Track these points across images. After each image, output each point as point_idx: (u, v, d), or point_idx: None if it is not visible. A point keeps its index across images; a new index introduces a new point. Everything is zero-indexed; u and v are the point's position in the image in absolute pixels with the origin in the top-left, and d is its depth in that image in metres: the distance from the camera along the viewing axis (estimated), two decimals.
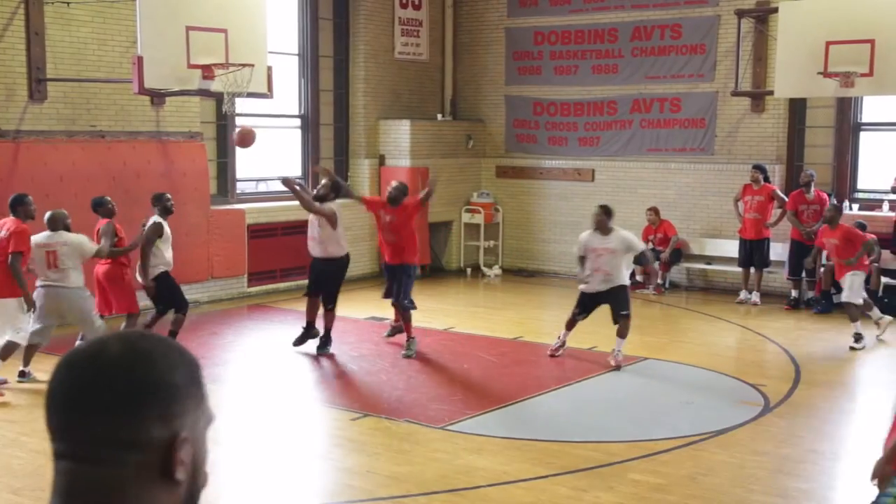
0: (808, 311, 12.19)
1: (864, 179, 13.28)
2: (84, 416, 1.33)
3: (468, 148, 15.71)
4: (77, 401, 1.33)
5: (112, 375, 1.33)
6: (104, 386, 1.33)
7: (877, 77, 10.95)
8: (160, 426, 1.34)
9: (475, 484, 6.17)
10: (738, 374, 8.99)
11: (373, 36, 14.82)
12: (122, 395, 1.32)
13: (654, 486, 6.15)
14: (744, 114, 13.58)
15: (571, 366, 9.36)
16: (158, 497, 1.34)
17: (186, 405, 1.37)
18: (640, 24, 14.38)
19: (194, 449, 1.37)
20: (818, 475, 6.58)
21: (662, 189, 14.19)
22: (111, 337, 1.39)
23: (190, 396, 1.39)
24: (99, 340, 1.39)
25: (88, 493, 1.33)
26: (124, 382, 1.33)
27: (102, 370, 1.34)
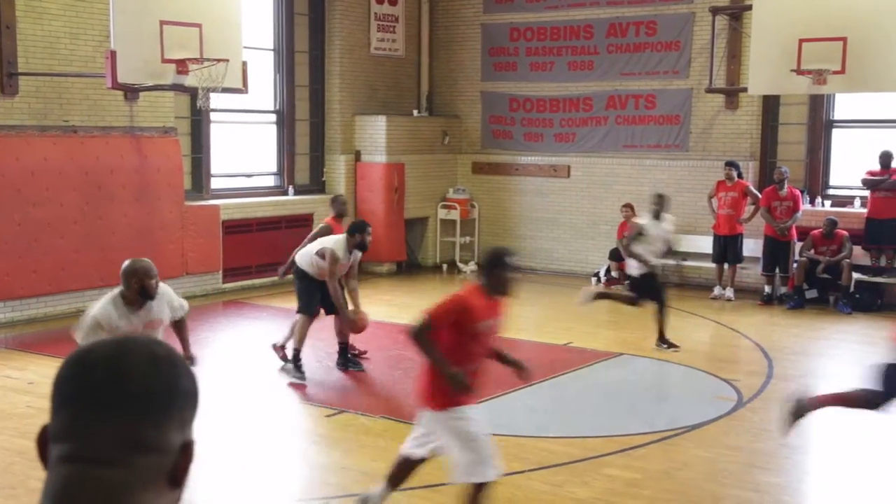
0: (781, 307, 12.30)
1: (835, 176, 13.40)
2: (106, 418, 1.30)
3: (444, 144, 15.71)
4: (99, 402, 1.31)
5: (138, 378, 1.32)
6: (130, 388, 1.32)
7: (849, 75, 11.04)
8: (178, 431, 1.34)
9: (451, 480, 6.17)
10: (713, 370, 9.06)
11: (349, 31, 14.78)
12: (149, 398, 1.32)
13: (629, 481, 6.19)
14: (718, 111, 13.67)
15: (546, 361, 9.38)
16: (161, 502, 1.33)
17: (195, 411, 1.39)
18: (616, 21, 14.43)
19: None
20: (790, 469, 6.64)
21: (637, 185, 14.25)
22: (127, 340, 1.39)
23: (197, 403, 1.41)
24: (115, 343, 1.38)
25: (92, 497, 1.29)
26: (151, 385, 1.33)
27: (127, 372, 1.33)
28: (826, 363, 9.87)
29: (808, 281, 12.39)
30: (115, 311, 5.38)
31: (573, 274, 14.58)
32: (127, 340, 1.39)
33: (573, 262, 14.84)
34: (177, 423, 1.34)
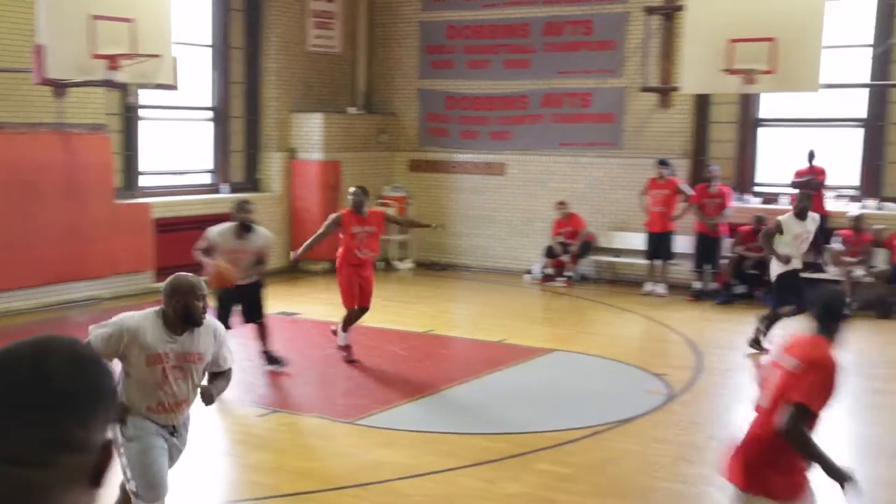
0: (711, 302, 12.52)
1: (763, 173, 13.70)
2: (30, 419, 1.29)
3: (381, 142, 15.68)
4: (22, 403, 1.29)
5: (63, 378, 1.31)
6: (55, 388, 1.30)
7: (778, 74, 11.26)
8: (101, 430, 1.33)
9: (384, 478, 6.18)
10: (644, 364, 9.19)
11: (285, 28, 14.67)
12: (75, 397, 1.31)
13: (562, 476, 6.25)
14: (651, 109, 13.83)
15: (480, 358, 9.43)
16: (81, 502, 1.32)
17: (114, 411, 1.38)
18: (552, 20, 14.55)
19: None
20: (717, 461, 6.75)
21: (572, 183, 14.40)
22: (49, 339, 1.37)
23: (116, 402, 1.40)
24: (36, 343, 1.36)
25: (9, 497, 1.28)
26: (77, 385, 1.31)
27: (51, 372, 1.31)
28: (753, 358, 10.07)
29: (737, 276, 12.64)
30: (150, 328, 4.49)
31: (509, 271, 14.67)
32: (48, 339, 1.37)
33: (509, 259, 14.93)
34: (101, 423, 1.33)
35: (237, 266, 8.08)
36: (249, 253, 8.29)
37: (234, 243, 8.19)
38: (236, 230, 8.22)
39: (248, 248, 8.27)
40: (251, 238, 8.28)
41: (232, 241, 8.19)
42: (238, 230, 8.23)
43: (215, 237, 8.21)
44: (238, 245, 8.22)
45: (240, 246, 8.22)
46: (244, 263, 8.21)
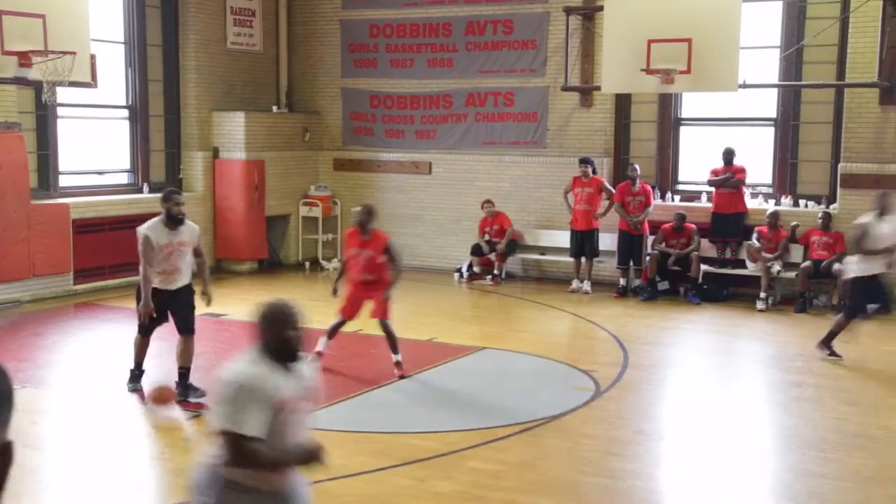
0: (635, 299, 12.74)
1: (684, 172, 13.98)
2: None
3: (305, 140, 15.55)
4: None
5: None
6: None
7: (694, 74, 11.53)
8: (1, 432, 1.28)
9: (314, 479, 6.11)
10: (571, 361, 9.29)
11: (203, 25, 14.43)
12: None
13: (492, 473, 6.28)
14: (573, 108, 14.02)
15: (410, 357, 9.41)
16: None
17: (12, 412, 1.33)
18: (474, 19, 14.61)
19: None
20: (644, 455, 6.88)
21: (497, 181, 14.49)
22: None
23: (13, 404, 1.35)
24: None
25: None
26: None
27: None
28: (677, 352, 10.28)
29: (660, 273, 12.88)
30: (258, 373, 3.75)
31: (437, 270, 14.69)
32: None
33: (436, 258, 14.95)
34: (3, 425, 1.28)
35: (176, 262, 7.65)
36: (187, 246, 7.73)
37: (167, 237, 7.62)
38: (166, 223, 7.64)
39: (184, 241, 7.70)
40: (182, 231, 7.71)
41: (165, 236, 7.61)
42: (168, 222, 7.64)
43: (146, 233, 7.59)
44: (171, 238, 7.65)
45: (174, 239, 7.66)
46: (183, 259, 7.74)
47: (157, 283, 7.72)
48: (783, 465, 6.72)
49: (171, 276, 7.73)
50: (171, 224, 7.64)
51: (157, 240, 7.58)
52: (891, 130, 12.23)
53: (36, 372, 8.63)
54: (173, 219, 7.64)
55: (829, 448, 6.89)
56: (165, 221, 7.65)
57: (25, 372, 8.45)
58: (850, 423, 7.50)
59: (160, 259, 7.63)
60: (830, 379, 8.86)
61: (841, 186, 12.57)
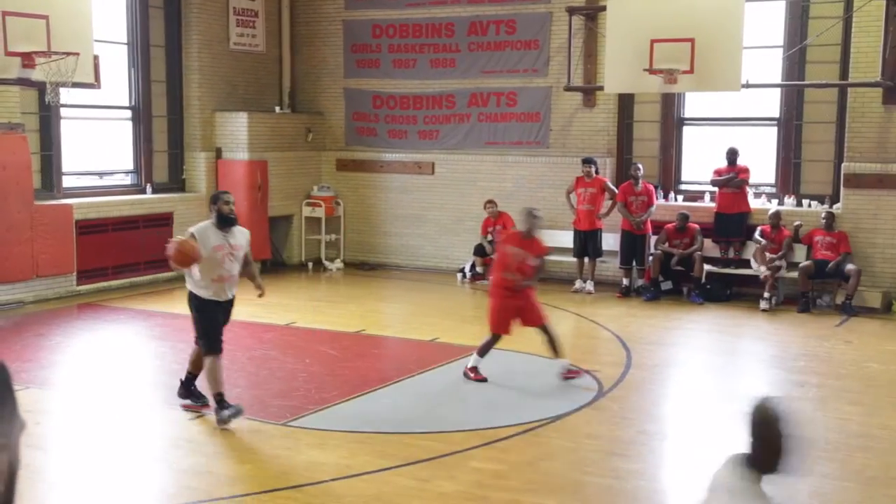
0: (638, 299, 12.73)
1: (687, 171, 13.97)
2: None
3: (308, 141, 15.56)
4: None
5: None
6: None
7: (697, 74, 11.52)
8: None
9: (318, 479, 6.14)
10: (574, 361, 9.25)
11: (206, 25, 14.44)
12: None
13: (495, 473, 6.28)
14: (576, 108, 14.02)
15: (413, 358, 9.43)
16: None
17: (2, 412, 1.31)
18: (476, 20, 14.62)
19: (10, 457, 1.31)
20: (647, 455, 6.88)
21: (500, 182, 14.49)
22: None
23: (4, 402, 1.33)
24: None
25: None
26: None
27: None
28: (679, 351, 10.28)
29: (663, 273, 12.87)
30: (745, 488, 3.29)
31: (439, 270, 14.70)
32: None
33: (439, 258, 14.96)
34: None
35: (230, 268, 7.22)
36: (240, 250, 7.26)
37: (218, 238, 7.16)
38: (217, 225, 7.18)
39: (237, 245, 7.24)
40: (235, 233, 7.26)
41: (215, 237, 7.15)
42: (219, 224, 7.18)
43: (192, 232, 7.13)
44: (223, 240, 7.18)
45: (226, 242, 7.19)
46: (236, 265, 7.27)
47: (211, 294, 7.18)
48: None
49: (225, 282, 7.21)
50: (222, 225, 7.17)
51: (207, 241, 7.06)
52: (894, 130, 12.21)
53: (39, 372, 8.64)
54: (224, 219, 7.18)
55: (832, 448, 6.88)
56: (217, 223, 7.18)
57: (29, 372, 8.47)
58: (852, 424, 7.49)
59: (212, 265, 7.09)
60: (833, 379, 8.85)
61: (844, 186, 12.56)
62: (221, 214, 7.21)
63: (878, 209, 12.34)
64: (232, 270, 7.25)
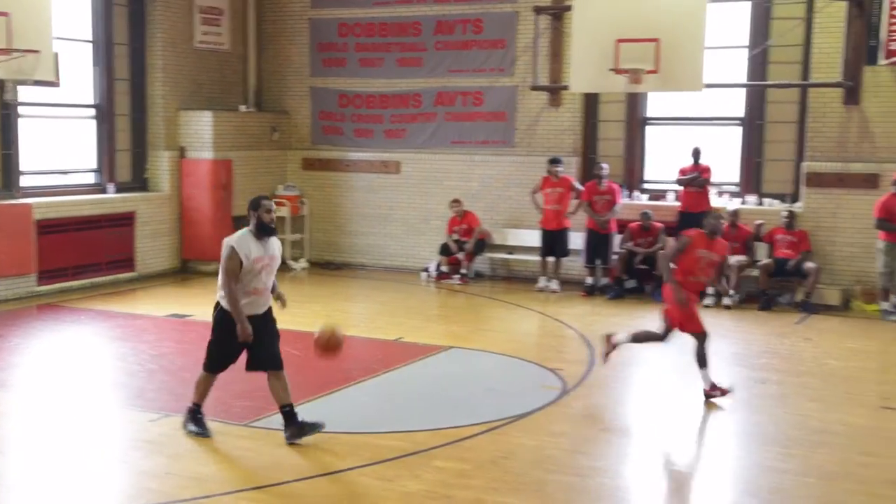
0: (602, 297, 12.80)
1: (651, 171, 14.08)
2: None
3: (273, 140, 15.48)
4: None
5: None
6: None
7: (662, 74, 11.57)
8: None
9: (281, 480, 6.11)
10: (539, 360, 9.32)
11: (171, 24, 14.32)
12: None
13: (459, 472, 6.29)
14: (542, 108, 14.06)
15: (377, 357, 9.41)
16: None
17: None
18: (443, 19, 14.62)
19: None
20: (610, 452, 6.92)
21: (466, 181, 14.52)
22: None
23: None
24: None
25: None
26: None
27: None
28: (642, 350, 10.31)
29: (627, 272, 12.95)
30: None
31: (405, 269, 14.69)
32: None
33: (405, 257, 14.95)
34: None
35: (267, 280, 6.74)
36: (276, 261, 6.79)
37: (258, 249, 6.64)
38: (256, 234, 6.66)
39: (275, 256, 6.76)
40: (273, 243, 6.77)
41: (256, 248, 6.62)
42: (258, 233, 6.67)
43: (233, 245, 6.57)
44: (263, 252, 6.67)
45: (266, 252, 6.69)
46: (272, 276, 6.82)
47: (245, 307, 6.66)
48: (747, 462, 6.79)
49: (260, 296, 6.73)
50: (261, 235, 6.65)
51: (248, 253, 6.56)
52: (854, 129, 12.38)
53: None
54: (265, 228, 6.64)
55: (792, 444, 6.97)
56: (255, 232, 6.64)
57: None
58: (812, 420, 7.59)
59: (251, 277, 6.59)
60: (793, 376, 8.96)
61: (805, 185, 12.71)
62: (262, 224, 6.64)
63: (837, 208, 12.50)
64: (268, 283, 6.75)
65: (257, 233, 6.66)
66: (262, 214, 6.66)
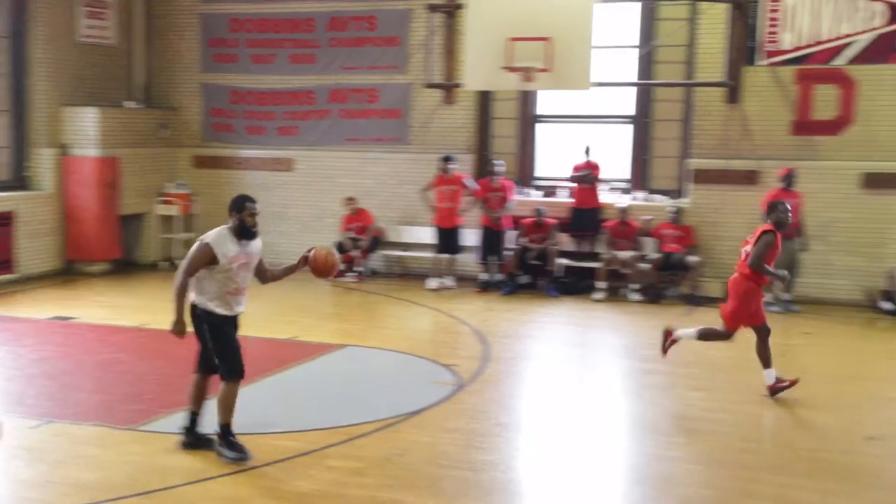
0: (496, 293, 12.92)
1: (544, 168, 14.29)
2: None
3: (163, 136, 15.11)
4: None
5: None
6: None
7: (554, 72, 11.76)
8: None
9: (170, 484, 5.96)
10: (433, 356, 9.35)
11: (52, 17, 13.80)
12: None
13: (352, 471, 6.25)
14: (437, 105, 14.09)
15: (270, 357, 9.28)
16: None
17: None
18: (337, 15, 14.52)
19: None
20: (503, 446, 6.99)
21: (360, 178, 14.46)
22: None
23: None
24: None
25: None
26: None
27: None
28: (536, 344, 10.50)
29: (521, 267, 13.11)
30: None
31: None
32: None
33: (299, 255, 14.74)
34: None
35: (246, 279, 6.50)
36: (255, 259, 6.55)
37: (237, 248, 6.38)
38: (236, 234, 6.39)
39: (252, 254, 6.50)
40: (253, 243, 6.50)
41: (235, 246, 6.37)
42: (239, 235, 6.40)
43: (209, 243, 6.30)
44: (242, 249, 6.42)
45: (243, 251, 6.42)
46: (248, 276, 6.54)
47: (223, 308, 6.41)
48: (635, 451, 6.95)
49: (239, 296, 6.48)
50: (241, 237, 6.38)
51: (227, 252, 6.30)
52: (736, 127, 12.79)
53: None
54: (246, 232, 6.38)
55: (678, 432, 7.17)
56: (236, 233, 6.38)
57: None
58: (695, 409, 7.82)
59: (227, 276, 6.36)
60: (679, 367, 9.20)
61: (690, 181, 13.09)
62: (245, 227, 6.37)
63: (721, 203, 12.92)
64: (245, 282, 6.50)
65: (237, 234, 6.39)
66: (245, 217, 6.37)
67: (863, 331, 11.31)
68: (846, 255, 12.46)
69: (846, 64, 12.35)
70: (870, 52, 12.22)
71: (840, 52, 12.33)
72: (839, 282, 12.51)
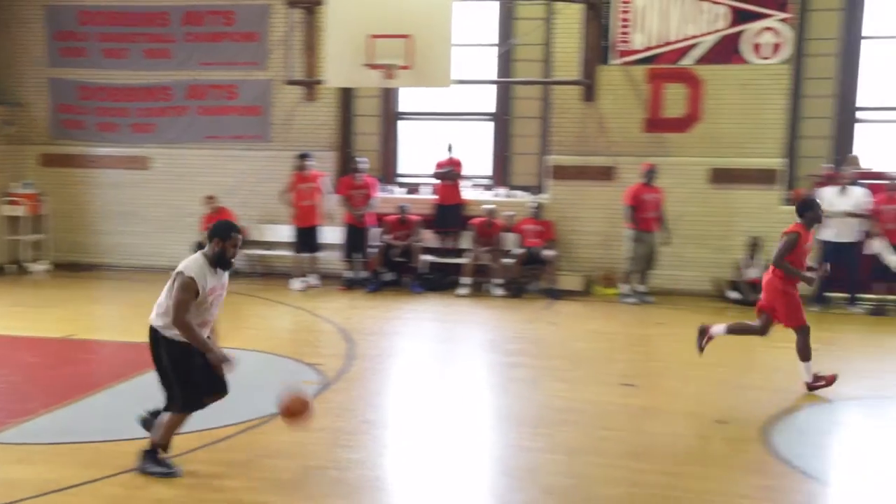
0: (361, 290, 12.88)
1: (406, 164, 14.34)
2: None
3: (7, 133, 14.39)
4: None
5: None
6: None
7: (415, 70, 11.81)
8: None
9: (17, 498, 5.68)
10: (298, 355, 9.23)
11: None
12: None
13: (214, 474, 6.11)
14: (298, 102, 13.93)
15: (127, 361, 8.96)
16: None
17: None
18: (193, 10, 14.17)
19: None
20: (370, 444, 6.96)
21: (220, 176, 14.16)
22: None
23: None
24: None
25: None
26: None
27: None
28: (401, 340, 10.52)
29: (385, 264, 13.11)
30: None
31: (157, 268, 14.09)
32: None
33: (156, 256, 14.35)
34: None
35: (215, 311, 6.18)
36: (224, 290, 6.20)
37: (212, 281, 6.02)
38: (212, 264, 6.01)
39: (225, 285, 6.18)
40: (225, 275, 6.16)
41: (212, 278, 6.01)
42: (216, 264, 6.02)
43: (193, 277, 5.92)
44: (217, 281, 6.08)
45: (218, 283, 6.10)
46: (217, 308, 6.21)
47: None
48: (500, 443, 7.05)
49: (207, 327, 6.19)
50: (218, 266, 6.03)
51: (205, 284, 5.95)
52: (592, 125, 13.16)
53: None
54: (225, 263, 6.03)
55: (542, 424, 7.30)
56: (212, 262, 6.00)
57: None
58: (559, 399, 7.99)
59: (203, 308, 6.02)
60: (543, 359, 9.40)
61: (549, 177, 13.39)
62: (224, 258, 6.02)
63: (579, 199, 13.27)
64: (215, 314, 6.20)
65: (214, 263, 6.02)
66: (228, 247, 6.00)
67: (713, 319, 11.74)
68: (696, 248, 13.00)
69: (693, 64, 12.88)
70: (714, 53, 12.79)
71: (687, 53, 12.86)
72: (690, 273, 13.05)
